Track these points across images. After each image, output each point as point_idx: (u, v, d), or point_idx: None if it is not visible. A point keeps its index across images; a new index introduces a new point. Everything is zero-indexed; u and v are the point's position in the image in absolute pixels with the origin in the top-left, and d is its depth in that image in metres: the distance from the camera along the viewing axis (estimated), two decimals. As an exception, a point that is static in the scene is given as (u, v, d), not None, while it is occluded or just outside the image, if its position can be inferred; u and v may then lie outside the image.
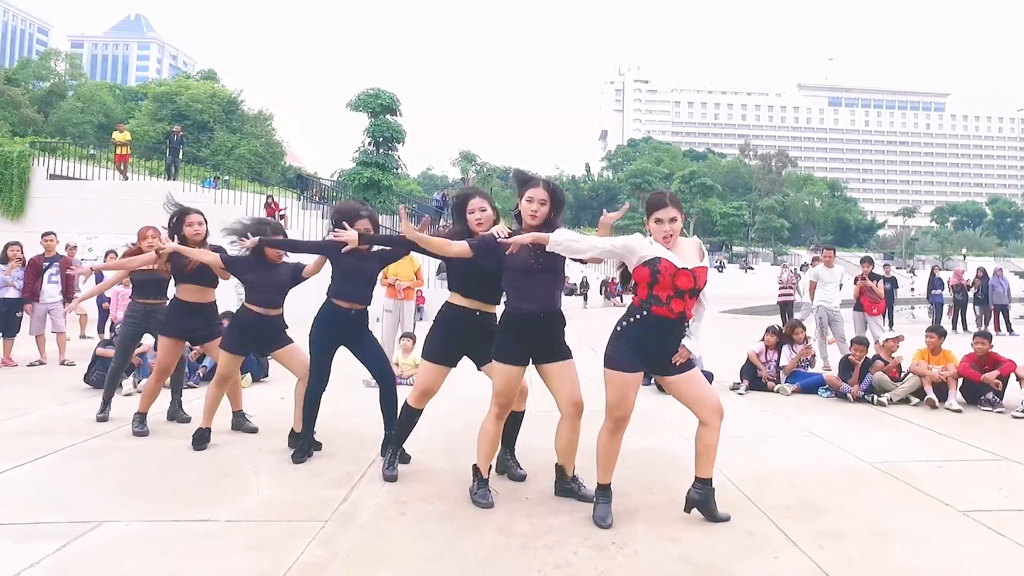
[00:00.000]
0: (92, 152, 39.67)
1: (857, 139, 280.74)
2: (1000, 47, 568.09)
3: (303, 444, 8.41)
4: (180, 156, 38.87)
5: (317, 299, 8.68)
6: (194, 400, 11.61)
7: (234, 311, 9.45)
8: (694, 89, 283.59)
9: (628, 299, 6.69)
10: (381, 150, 42.94)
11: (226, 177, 46.36)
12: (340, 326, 8.40)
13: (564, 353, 6.79)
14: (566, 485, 7.05)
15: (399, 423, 7.71)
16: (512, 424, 7.61)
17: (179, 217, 9.36)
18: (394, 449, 7.74)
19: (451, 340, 7.29)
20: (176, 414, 10.77)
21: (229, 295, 16.90)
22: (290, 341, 9.24)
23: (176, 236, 9.30)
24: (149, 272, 10.39)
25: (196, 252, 8.98)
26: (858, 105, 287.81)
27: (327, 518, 6.35)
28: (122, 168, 35.36)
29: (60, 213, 29.37)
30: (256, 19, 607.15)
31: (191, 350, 13.66)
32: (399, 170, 44.75)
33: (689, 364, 6.29)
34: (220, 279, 9.50)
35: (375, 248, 8.55)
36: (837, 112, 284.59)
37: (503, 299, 7.04)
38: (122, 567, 5.32)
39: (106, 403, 10.69)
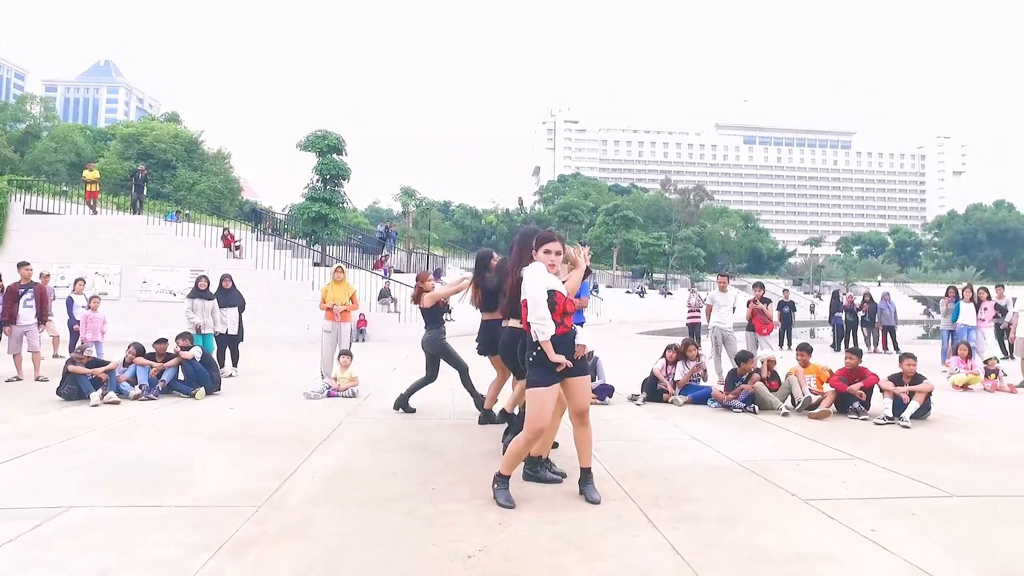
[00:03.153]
0: (64, 189, 39.66)
1: (770, 174, 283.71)
2: (901, 90, 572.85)
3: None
4: (144, 192, 38.94)
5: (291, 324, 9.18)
6: (153, 411, 12.12)
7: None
8: (620, 128, 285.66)
9: None
10: (328, 186, 43.20)
11: (187, 211, 46.43)
12: None
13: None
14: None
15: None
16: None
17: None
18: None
19: None
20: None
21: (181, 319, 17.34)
22: None
23: None
24: None
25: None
26: (771, 143, 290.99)
27: (261, 504, 6.91)
28: (92, 204, 35.59)
29: (35, 244, 29.60)
30: (218, 62, 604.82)
31: (151, 367, 14.13)
32: (345, 205, 45.04)
33: (584, 369, 7.20)
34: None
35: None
36: (751, 149, 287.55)
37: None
38: (87, 541, 5.86)
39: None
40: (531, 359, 6.93)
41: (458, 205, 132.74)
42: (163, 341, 14.55)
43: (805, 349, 14.07)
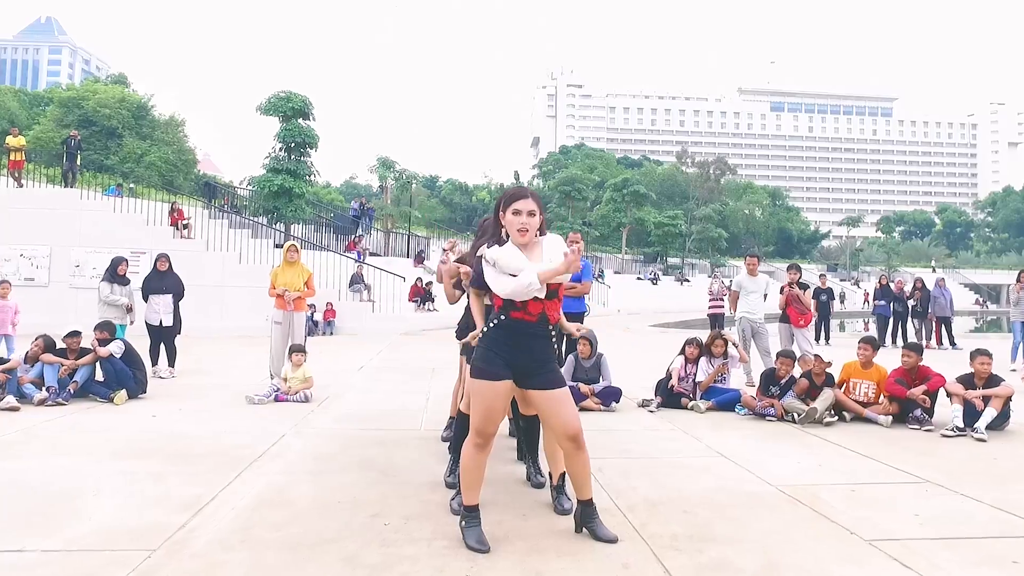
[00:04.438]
0: (-16, 158, 39.00)
1: (800, 146, 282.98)
2: (949, 50, 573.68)
3: None
4: (78, 161, 38.22)
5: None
6: (56, 419, 11.34)
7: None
8: (630, 94, 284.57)
9: None
10: (293, 156, 42.81)
11: (131, 185, 45.72)
12: None
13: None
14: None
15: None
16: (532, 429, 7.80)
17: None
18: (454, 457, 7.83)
19: None
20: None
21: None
22: None
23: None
24: None
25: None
26: (801, 110, 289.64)
27: (157, 547, 5.96)
28: (16, 175, 34.81)
29: (-53, 222, 28.90)
30: (176, 20, 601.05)
31: (60, 366, 13.26)
32: (312, 177, 44.66)
33: (556, 380, 6.11)
34: None
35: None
36: (779, 117, 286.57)
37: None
38: None
39: None
40: (482, 335, 6.19)
41: (446, 180, 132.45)
42: (76, 334, 13.67)
43: (871, 343, 12.99)
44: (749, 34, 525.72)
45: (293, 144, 42.67)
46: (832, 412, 12.02)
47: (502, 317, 6.00)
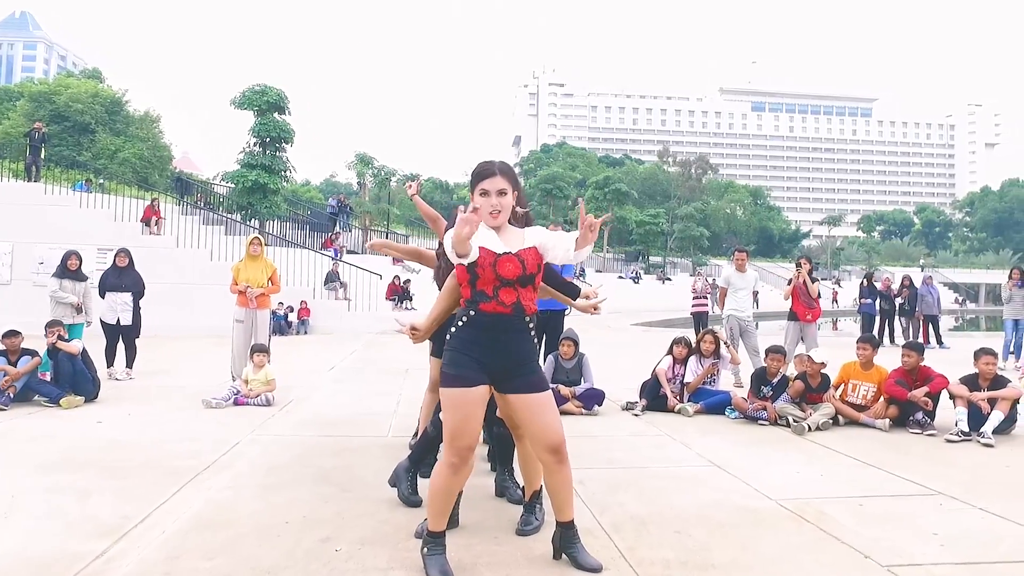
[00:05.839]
0: (-58, 153, 38.23)
1: (781, 145, 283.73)
2: (927, 52, 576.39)
3: None
4: (42, 155, 37.48)
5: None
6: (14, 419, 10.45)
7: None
8: (612, 93, 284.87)
9: None
10: (268, 151, 42.66)
11: (101, 180, 44.98)
12: None
13: None
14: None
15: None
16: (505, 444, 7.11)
17: None
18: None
19: None
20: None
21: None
22: None
23: None
24: None
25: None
26: (782, 110, 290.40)
27: (62, 585, 5.02)
28: (-23, 169, 33.99)
29: (-97, 218, 28.17)
30: (157, 17, 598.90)
31: (3, 372, 12.42)
32: (288, 173, 44.57)
33: (539, 382, 5.29)
34: None
35: None
36: (760, 117, 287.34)
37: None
38: None
39: None
40: (449, 336, 5.32)
41: (427, 178, 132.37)
42: (15, 334, 12.65)
43: (870, 342, 12.35)
44: (730, 34, 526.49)
45: (268, 139, 42.57)
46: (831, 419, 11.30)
47: (471, 312, 5.17)
